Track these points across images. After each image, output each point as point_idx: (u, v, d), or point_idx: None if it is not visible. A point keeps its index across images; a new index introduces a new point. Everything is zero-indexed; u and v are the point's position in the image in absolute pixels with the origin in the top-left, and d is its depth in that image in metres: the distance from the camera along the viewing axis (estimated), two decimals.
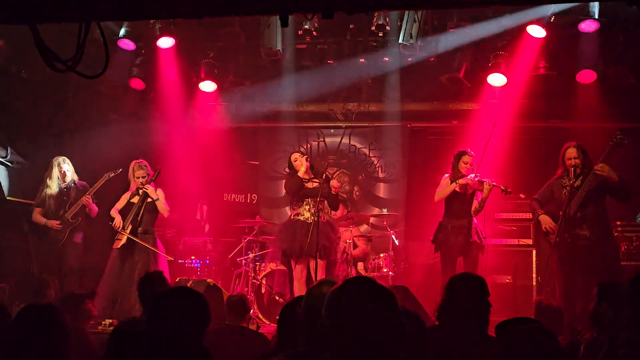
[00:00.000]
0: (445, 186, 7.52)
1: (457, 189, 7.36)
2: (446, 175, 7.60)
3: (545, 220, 6.89)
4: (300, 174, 7.50)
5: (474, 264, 7.32)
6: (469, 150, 7.57)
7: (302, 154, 7.82)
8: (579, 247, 6.62)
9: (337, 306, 1.89)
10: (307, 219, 7.42)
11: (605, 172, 6.55)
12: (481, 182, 7.28)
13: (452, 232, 7.39)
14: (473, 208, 7.37)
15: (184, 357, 2.78)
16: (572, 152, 6.83)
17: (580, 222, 6.66)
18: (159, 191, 7.99)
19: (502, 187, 7.24)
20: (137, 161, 8.00)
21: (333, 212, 9.19)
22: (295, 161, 7.67)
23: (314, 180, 7.58)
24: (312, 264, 7.27)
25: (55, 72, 2.60)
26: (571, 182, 6.72)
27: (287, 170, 7.99)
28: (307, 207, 7.49)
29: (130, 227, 7.79)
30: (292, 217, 7.65)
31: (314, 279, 6.94)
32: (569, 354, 3.96)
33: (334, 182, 7.52)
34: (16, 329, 2.88)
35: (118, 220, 7.85)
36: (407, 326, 2.90)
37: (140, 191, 7.88)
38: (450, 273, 7.36)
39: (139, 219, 7.83)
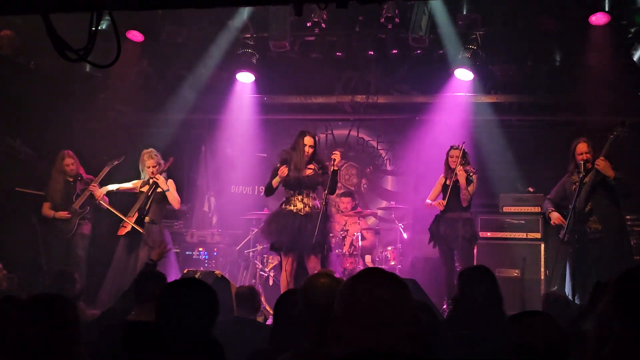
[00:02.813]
0: (431, 195, 7.74)
1: (437, 206, 7.53)
2: (442, 175, 7.69)
3: (555, 216, 6.93)
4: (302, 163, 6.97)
5: (466, 257, 7.44)
6: (456, 144, 7.63)
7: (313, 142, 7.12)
8: (590, 240, 6.61)
9: (352, 297, 1.88)
10: (300, 210, 6.94)
11: (600, 167, 6.55)
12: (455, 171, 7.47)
13: (442, 224, 7.52)
14: (461, 199, 7.47)
15: (194, 348, 2.78)
16: (582, 147, 6.82)
17: (591, 215, 6.65)
18: (170, 182, 7.87)
19: (470, 171, 7.42)
20: (148, 150, 7.87)
21: (341, 205, 9.18)
22: (305, 146, 7.01)
23: (309, 167, 7.05)
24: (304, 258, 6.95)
25: (66, 61, 2.60)
26: (581, 175, 6.70)
27: (287, 150, 7.22)
28: (300, 198, 6.98)
29: (136, 215, 7.67)
30: (282, 206, 7.09)
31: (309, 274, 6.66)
32: None
33: (335, 156, 6.98)
34: (24, 319, 2.87)
35: (101, 190, 7.86)
36: (420, 318, 2.90)
37: (151, 180, 7.75)
38: (446, 265, 7.53)
39: (146, 207, 7.72)
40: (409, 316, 1.88)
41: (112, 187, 7.99)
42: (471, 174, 7.44)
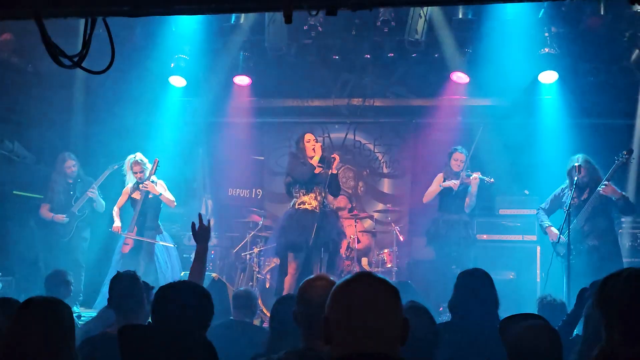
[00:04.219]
0: (433, 186, 7.75)
1: (451, 186, 7.53)
2: (440, 173, 7.72)
3: (553, 234, 6.99)
4: (314, 161, 7.06)
5: (463, 259, 7.49)
6: (460, 147, 7.66)
7: (316, 139, 7.30)
8: (587, 255, 6.75)
9: (343, 300, 1.89)
10: (315, 207, 7.00)
11: (608, 192, 6.67)
12: (468, 177, 7.54)
13: (442, 226, 7.59)
14: (466, 204, 7.46)
15: (187, 350, 2.79)
16: (576, 158, 6.91)
17: (588, 234, 6.79)
18: (160, 183, 7.89)
19: (486, 179, 7.40)
20: (133, 156, 7.90)
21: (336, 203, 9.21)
22: (308, 142, 7.15)
23: (319, 165, 7.12)
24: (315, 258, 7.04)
25: (61, 67, 2.61)
26: (573, 187, 6.80)
27: (293, 151, 7.38)
28: (313, 195, 7.05)
29: (135, 228, 7.74)
30: (297, 206, 7.13)
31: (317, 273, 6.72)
32: None
33: (334, 156, 7.07)
34: (19, 321, 2.88)
35: (117, 224, 7.85)
36: (421, 321, 2.91)
37: (141, 186, 7.78)
38: (442, 267, 7.54)
39: (144, 217, 7.80)
40: (399, 321, 1.89)
41: (115, 212, 8.00)
42: (487, 181, 7.48)
